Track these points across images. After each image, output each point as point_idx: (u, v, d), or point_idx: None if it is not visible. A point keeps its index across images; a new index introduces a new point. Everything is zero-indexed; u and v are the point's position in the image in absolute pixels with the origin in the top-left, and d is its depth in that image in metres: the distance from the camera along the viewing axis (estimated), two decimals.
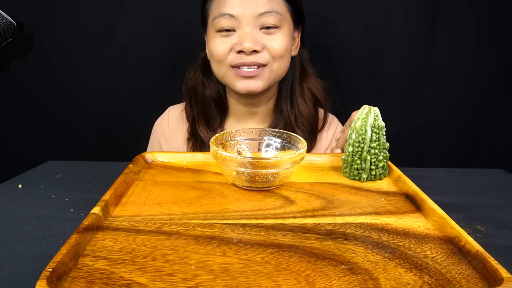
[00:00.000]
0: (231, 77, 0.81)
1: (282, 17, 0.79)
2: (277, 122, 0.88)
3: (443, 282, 0.35)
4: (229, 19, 0.78)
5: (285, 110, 0.87)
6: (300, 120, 0.87)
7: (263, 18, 0.77)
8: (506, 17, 1.04)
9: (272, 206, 0.50)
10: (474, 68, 1.08)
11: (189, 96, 0.90)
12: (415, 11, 1.05)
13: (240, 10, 0.77)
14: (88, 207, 0.52)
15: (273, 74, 0.82)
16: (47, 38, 1.04)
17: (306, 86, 0.88)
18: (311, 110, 0.88)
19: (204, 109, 0.89)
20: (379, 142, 0.58)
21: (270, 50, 0.79)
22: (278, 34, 0.79)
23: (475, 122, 1.13)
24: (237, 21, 0.77)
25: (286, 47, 0.81)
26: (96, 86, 1.11)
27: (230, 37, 0.79)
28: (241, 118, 0.91)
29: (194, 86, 0.89)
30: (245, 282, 0.35)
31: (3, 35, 0.49)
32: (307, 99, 0.88)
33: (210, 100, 0.89)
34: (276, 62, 0.80)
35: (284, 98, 0.87)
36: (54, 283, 0.33)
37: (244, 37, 0.77)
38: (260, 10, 0.77)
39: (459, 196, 0.62)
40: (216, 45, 0.80)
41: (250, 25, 0.77)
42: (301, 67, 0.89)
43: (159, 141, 0.94)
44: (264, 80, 0.81)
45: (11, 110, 1.12)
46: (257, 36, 0.78)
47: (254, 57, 0.78)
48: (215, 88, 0.89)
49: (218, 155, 0.53)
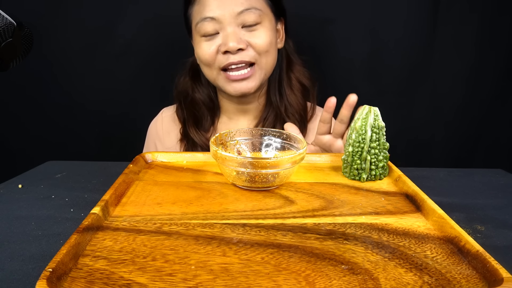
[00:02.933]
0: (222, 81, 0.82)
1: (261, 12, 0.80)
2: (267, 114, 0.88)
3: (443, 282, 0.35)
4: (210, 22, 0.79)
5: (275, 101, 0.88)
6: (290, 111, 0.87)
7: (243, 16, 0.78)
8: (506, 17, 1.04)
9: (272, 206, 0.50)
10: (474, 68, 1.08)
11: (179, 100, 0.92)
12: (415, 11, 1.05)
13: (220, 11, 0.78)
14: (88, 207, 0.52)
15: (263, 71, 0.83)
16: (47, 38, 1.04)
17: (293, 76, 0.89)
18: (300, 100, 0.89)
19: (194, 111, 0.90)
20: (379, 142, 0.58)
21: (254, 46, 0.80)
22: (261, 29, 0.80)
23: (475, 122, 1.13)
24: (219, 23, 0.79)
25: (271, 41, 0.81)
26: (96, 86, 1.11)
27: (214, 40, 0.80)
28: (234, 116, 0.92)
29: (184, 90, 0.91)
30: (245, 282, 0.35)
31: (3, 35, 0.49)
32: (295, 89, 0.89)
33: (200, 103, 0.90)
34: (263, 57, 0.81)
35: (273, 90, 0.89)
36: (54, 283, 0.33)
37: (227, 37, 0.78)
38: (239, 9, 0.78)
39: (459, 196, 0.61)
40: (203, 49, 0.81)
41: (232, 25, 0.79)
42: (287, 58, 0.89)
43: (154, 143, 0.95)
44: (256, 79, 0.82)
45: (11, 110, 1.12)
46: (240, 34, 0.79)
47: (241, 56, 0.79)
48: (205, 92, 0.91)
49: (218, 155, 0.53)
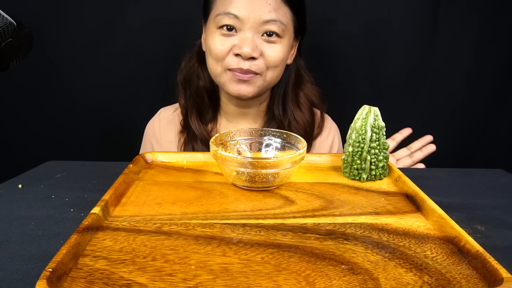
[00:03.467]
0: (226, 78, 0.81)
1: (285, 28, 0.78)
2: (269, 124, 0.88)
3: (443, 282, 0.35)
4: (232, 19, 0.76)
5: (278, 115, 0.87)
6: (293, 125, 0.87)
7: (267, 26, 0.76)
8: (506, 17, 1.04)
9: (272, 206, 0.50)
10: (474, 68, 1.08)
11: (184, 87, 0.90)
12: (415, 11, 1.05)
13: (245, 12, 0.75)
14: (88, 207, 0.52)
15: (265, 83, 0.82)
16: (47, 38, 1.04)
17: (302, 94, 0.88)
18: (307, 117, 0.88)
19: (197, 100, 0.89)
20: (379, 142, 0.58)
21: (267, 59, 0.78)
22: (278, 44, 0.79)
23: (475, 122, 1.13)
24: (241, 23, 0.76)
25: (283, 58, 0.80)
26: (96, 86, 1.11)
27: (230, 38, 0.77)
28: (232, 118, 0.91)
29: (189, 76, 0.89)
30: (245, 282, 0.35)
31: (3, 35, 0.49)
32: (303, 107, 0.88)
33: (204, 92, 0.89)
34: (270, 71, 0.80)
35: (276, 104, 0.88)
36: (54, 283, 0.33)
37: (244, 41, 0.76)
38: (265, 18, 0.76)
39: (459, 196, 0.61)
40: (215, 43, 0.78)
41: (252, 30, 0.76)
42: (297, 74, 0.88)
43: (151, 143, 0.94)
44: (255, 87, 0.81)
45: (11, 110, 1.12)
46: (257, 42, 0.77)
47: (250, 65, 0.77)
48: (209, 79, 0.88)
49: (218, 155, 0.53)
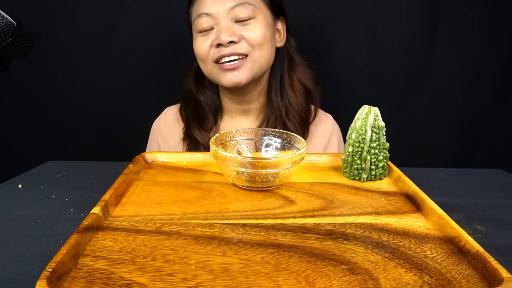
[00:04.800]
0: (216, 73, 0.83)
1: (255, 8, 0.81)
2: (268, 117, 0.88)
3: (443, 282, 0.35)
4: (206, 18, 0.80)
5: (275, 102, 0.88)
6: (290, 113, 0.87)
7: (235, 11, 0.80)
8: (506, 18, 1.04)
9: (272, 206, 0.50)
10: (474, 68, 1.08)
11: (184, 99, 0.93)
12: (415, 11, 1.05)
13: (214, 7, 0.80)
14: (88, 207, 0.52)
15: (256, 64, 0.82)
16: (47, 38, 1.04)
17: (295, 77, 0.89)
18: (301, 102, 0.89)
19: (198, 111, 0.91)
20: (379, 142, 0.58)
21: (248, 40, 0.80)
22: (254, 23, 0.81)
23: (475, 122, 1.13)
24: (214, 19, 0.80)
25: (265, 35, 0.82)
26: (95, 86, 1.11)
27: (209, 35, 0.81)
28: (235, 116, 0.92)
29: (189, 91, 0.92)
30: (245, 282, 0.35)
31: (3, 35, 0.49)
32: (297, 91, 0.89)
33: (204, 104, 0.91)
34: (257, 51, 0.81)
35: (274, 90, 0.89)
36: (54, 283, 0.33)
37: (220, 31, 0.79)
38: (231, 4, 0.79)
39: (459, 196, 0.61)
40: (198, 44, 0.83)
41: (225, 19, 0.80)
42: (288, 57, 0.89)
43: (157, 142, 0.95)
44: (247, 71, 0.81)
45: (11, 110, 1.12)
46: (233, 28, 0.80)
47: (233, 48, 0.80)
48: (209, 95, 0.91)
49: (218, 155, 0.53)
